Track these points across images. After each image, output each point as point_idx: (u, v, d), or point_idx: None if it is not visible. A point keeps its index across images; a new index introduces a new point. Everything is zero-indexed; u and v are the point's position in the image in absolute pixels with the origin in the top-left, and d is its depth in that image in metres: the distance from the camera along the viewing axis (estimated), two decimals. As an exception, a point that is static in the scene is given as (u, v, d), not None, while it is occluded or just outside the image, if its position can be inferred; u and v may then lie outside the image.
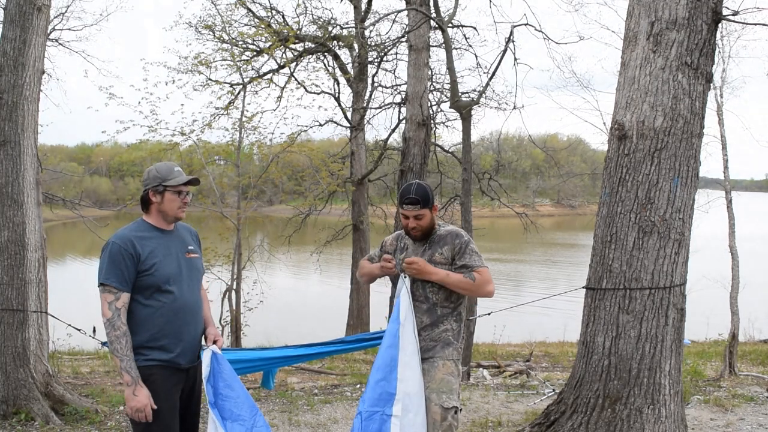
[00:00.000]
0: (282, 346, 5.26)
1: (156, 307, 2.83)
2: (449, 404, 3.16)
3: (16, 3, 5.35)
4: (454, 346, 3.28)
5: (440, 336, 3.27)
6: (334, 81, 16.04)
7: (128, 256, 2.78)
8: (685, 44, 4.05)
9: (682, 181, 4.10)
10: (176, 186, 2.95)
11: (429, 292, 3.28)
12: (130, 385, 2.72)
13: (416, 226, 3.30)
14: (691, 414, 5.38)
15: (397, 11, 11.84)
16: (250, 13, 15.28)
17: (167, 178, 2.94)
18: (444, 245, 3.31)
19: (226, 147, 11.54)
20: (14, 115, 5.28)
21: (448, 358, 3.24)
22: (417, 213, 3.27)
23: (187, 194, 3.01)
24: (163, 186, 2.93)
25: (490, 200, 15.61)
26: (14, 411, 5.09)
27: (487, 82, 9.74)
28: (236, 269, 10.67)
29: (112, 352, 2.75)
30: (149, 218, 2.98)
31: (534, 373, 8.42)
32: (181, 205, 2.99)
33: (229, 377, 2.98)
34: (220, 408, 2.90)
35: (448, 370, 3.22)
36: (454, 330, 3.29)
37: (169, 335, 2.86)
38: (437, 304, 3.28)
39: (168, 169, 2.97)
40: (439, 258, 3.29)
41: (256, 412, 3.01)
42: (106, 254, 2.79)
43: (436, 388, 3.19)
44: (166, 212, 2.96)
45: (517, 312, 3.75)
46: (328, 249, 17.01)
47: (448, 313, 3.29)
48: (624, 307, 4.13)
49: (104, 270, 2.77)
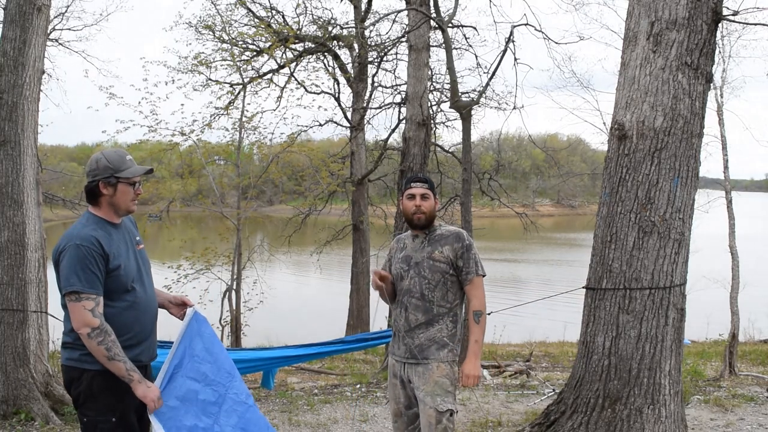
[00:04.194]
0: (282, 346, 5.29)
1: (122, 307, 2.68)
2: (444, 407, 3.12)
3: (16, 3, 5.35)
4: (450, 348, 3.22)
5: (435, 336, 3.21)
6: (334, 81, 16.03)
7: (98, 256, 2.58)
8: (685, 44, 4.05)
9: (682, 181, 4.10)
10: (131, 178, 2.72)
11: (425, 289, 3.23)
12: (141, 382, 2.63)
13: (421, 206, 3.26)
14: (691, 414, 5.38)
15: (397, 11, 11.82)
16: (250, 13, 15.28)
17: (120, 168, 2.70)
18: (445, 245, 3.26)
19: (226, 147, 11.55)
20: (14, 115, 5.28)
21: (442, 360, 3.19)
22: (424, 192, 3.28)
23: (140, 185, 2.79)
24: (115, 178, 2.69)
25: (490, 200, 15.61)
26: (14, 411, 5.09)
27: (487, 82, 9.76)
28: (236, 269, 10.68)
29: (111, 359, 2.56)
30: (98, 212, 2.73)
31: (534, 373, 8.42)
32: (134, 197, 2.77)
33: (208, 340, 2.89)
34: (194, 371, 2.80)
35: (442, 372, 3.17)
36: (449, 330, 3.23)
37: (133, 333, 2.73)
38: (433, 303, 3.22)
39: (120, 159, 2.72)
40: (439, 256, 3.24)
41: (233, 377, 2.92)
42: (74, 258, 2.54)
43: (431, 391, 3.15)
44: (118, 205, 2.73)
45: (517, 312, 3.74)
46: (328, 249, 16.99)
47: (444, 313, 3.23)
48: (624, 307, 4.13)
49: (77, 276, 2.53)
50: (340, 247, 18.23)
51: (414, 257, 3.30)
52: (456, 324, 3.27)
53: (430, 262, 3.24)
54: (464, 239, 3.27)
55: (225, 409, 2.85)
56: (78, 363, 2.65)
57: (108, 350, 2.56)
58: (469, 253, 3.24)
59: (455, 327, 3.27)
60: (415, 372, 3.22)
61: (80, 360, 2.65)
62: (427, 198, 3.29)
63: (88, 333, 2.54)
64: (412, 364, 3.23)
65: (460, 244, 3.24)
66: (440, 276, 3.23)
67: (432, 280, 3.23)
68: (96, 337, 2.54)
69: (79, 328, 2.55)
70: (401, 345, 3.28)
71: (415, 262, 3.28)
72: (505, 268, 30.89)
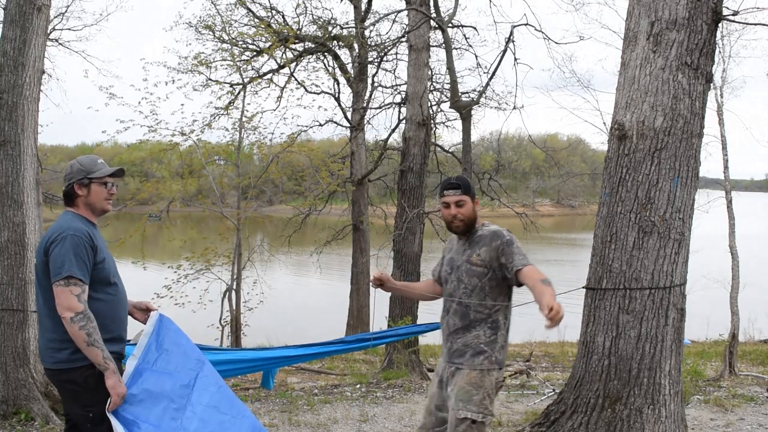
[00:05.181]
0: (282, 346, 5.28)
1: (106, 300, 2.82)
2: (462, 414, 3.03)
3: (16, 3, 5.35)
4: (486, 356, 3.08)
5: (471, 342, 3.10)
6: (334, 81, 16.04)
7: (89, 248, 2.76)
8: (685, 44, 4.05)
9: (682, 181, 4.10)
10: (102, 177, 2.91)
11: (462, 294, 3.13)
12: (115, 373, 2.72)
13: (457, 214, 3.14)
14: (691, 414, 5.38)
15: (397, 11, 11.82)
16: (250, 13, 15.29)
17: (92, 170, 2.90)
18: (483, 246, 3.12)
19: (226, 147, 11.55)
20: (14, 115, 5.28)
21: (475, 368, 3.07)
22: (458, 199, 3.14)
23: (113, 186, 2.98)
24: (88, 179, 2.89)
25: (490, 200, 15.61)
26: (14, 411, 5.09)
27: (487, 82, 9.76)
28: (236, 269, 10.68)
29: (90, 344, 2.66)
30: (78, 211, 2.92)
31: (534, 373, 8.42)
32: (108, 197, 2.96)
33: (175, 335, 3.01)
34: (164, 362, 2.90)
35: (470, 379, 3.07)
36: (488, 337, 3.10)
37: (116, 327, 2.87)
38: (470, 308, 3.11)
39: (92, 162, 2.93)
40: (476, 259, 3.11)
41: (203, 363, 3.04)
42: (68, 246, 2.70)
43: (456, 395, 3.08)
44: (93, 204, 2.92)
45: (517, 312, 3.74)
46: (328, 249, 16.99)
47: (482, 319, 3.10)
48: (624, 307, 4.13)
49: (69, 262, 2.68)
50: (340, 247, 18.22)
51: (456, 260, 3.22)
52: (496, 331, 3.12)
53: (467, 266, 3.14)
54: (503, 236, 3.10)
55: (197, 389, 2.95)
56: (68, 363, 2.73)
57: (89, 335, 2.65)
58: (510, 248, 3.06)
59: (495, 334, 3.11)
60: (451, 375, 3.17)
61: (70, 360, 2.73)
62: (463, 204, 3.15)
63: (71, 317, 2.64)
64: (451, 367, 3.18)
65: (498, 242, 3.08)
66: (477, 281, 3.11)
67: (469, 284, 3.12)
68: (79, 321, 2.64)
69: (63, 312, 2.65)
70: (444, 347, 3.25)
71: (456, 266, 3.21)
72: (505, 268, 30.78)
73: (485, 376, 3.08)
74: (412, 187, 9.82)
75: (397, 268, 9.80)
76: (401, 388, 6.58)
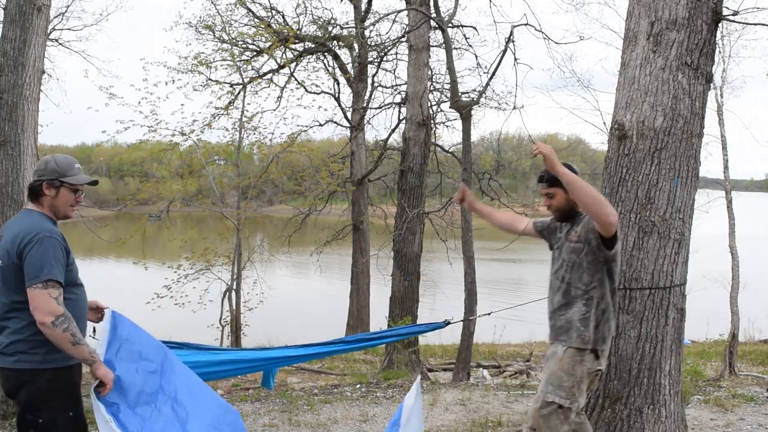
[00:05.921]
0: (282, 346, 5.27)
1: (74, 300, 2.80)
2: (550, 398, 3.21)
3: (16, 3, 5.35)
4: (580, 332, 3.22)
5: (571, 318, 3.27)
6: (334, 81, 16.04)
7: (63, 250, 2.71)
8: (685, 44, 4.05)
9: (682, 181, 4.10)
10: (75, 184, 2.83)
11: (564, 272, 3.33)
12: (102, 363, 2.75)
13: (550, 204, 3.40)
14: (691, 414, 5.38)
15: (397, 11, 11.84)
16: (250, 13, 15.30)
17: (66, 173, 2.81)
18: (580, 223, 3.33)
19: (226, 147, 11.55)
20: (14, 115, 5.28)
21: (571, 345, 3.23)
22: (547, 191, 3.39)
23: (82, 194, 2.90)
24: (60, 181, 2.80)
25: (490, 200, 15.59)
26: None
27: (487, 82, 9.75)
28: (236, 269, 10.67)
29: (76, 343, 2.62)
30: (43, 210, 2.83)
31: (534, 373, 8.43)
32: (74, 204, 2.87)
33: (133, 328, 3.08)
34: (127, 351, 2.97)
35: (563, 366, 3.22)
36: (582, 314, 3.24)
37: (83, 326, 2.86)
38: (571, 284, 3.30)
39: (68, 164, 2.83)
40: (573, 236, 3.33)
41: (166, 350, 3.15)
42: (47, 248, 2.64)
43: (546, 379, 3.27)
44: (57, 208, 2.83)
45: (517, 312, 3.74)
46: (328, 249, 17.00)
47: (579, 295, 3.26)
48: (624, 307, 4.13)
49: (49, 265, 2.61)
50: (340, 248, 18.24)
51: (561, 240, 3.46)
52: (590, 308, 3.24)
53: (568, 244, 3.36)
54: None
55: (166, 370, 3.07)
56: (34, 364, 2.67)
57: (73, 335, 2.62)
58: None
59: (588, 311, 3.24)
60: (548, 358, 3.36)
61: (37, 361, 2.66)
62: (553, 195, 3.38)
63: (52, 321, 2.58)
64: (549, 349, 3.37)
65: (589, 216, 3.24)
66: (575, 257, 3.30)
67: (568, 261, 3.33)
68: (61, 324, 2.59)
69: (44, 316, 2.58)
70: (549, 326, 3.44)
71: (560, 245, 3.45)
72: (505, 268, 30.89)
73: (578, 364, 3.22)
74: (412, 187, 9.83)
75: (398, 268, 9.80)
76: (401, 388, 6.58)
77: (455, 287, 13.78)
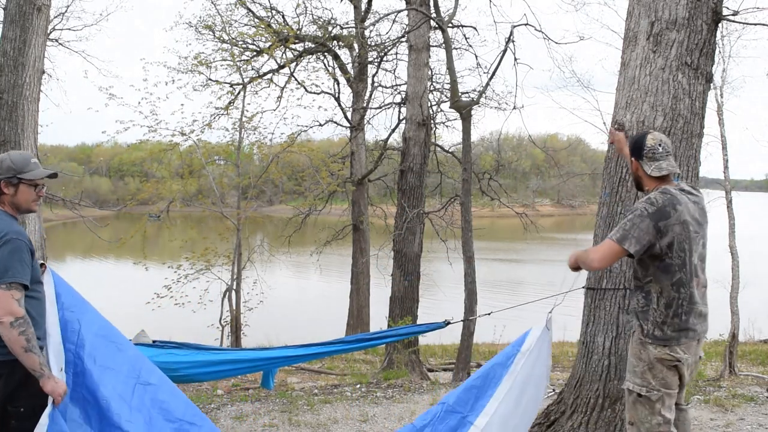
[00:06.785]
0: (282, 346, 5.27)
1: (38, 298, 2.82)
2: (626, 385, 3.27)
3: (16, 3, 5.35)
4: (637, 324, 3.26)
5: (633, 309, 3.34)
6: (334, 81, 16.04)
7: (28, 250, 2.73)
8: (685, 44, 4.05)
9: (682, 181, 4.09)
10: (33, 180, 2.86)
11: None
12: (50, 377, 2.71)
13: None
14: (691, 414, 5.37)
15: (397, 11, 11.83)
16: (250, 13, 15.30)
17: (23, 170, 2.83)
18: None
19: (226, 147, 11.56)
20: (14, 115, 5.28)
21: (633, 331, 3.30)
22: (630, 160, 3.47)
23: (43, 187, 2.93)
24: (17, 178, 2.82)
25: (490, 200, 15.61)
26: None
27: (487, 82, 9.75)
28: (236, 269, 10.68)
29: (28, 350, 2.63)
30: (4, 208, 2.86)
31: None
32: (36, 198, 2.90)
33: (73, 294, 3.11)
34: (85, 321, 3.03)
35: (633, 350, 3.27)
36: (639, 305, 3.27)
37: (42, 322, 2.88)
38: (631, 279, 3.42)
39: (24, 161, 2.86)
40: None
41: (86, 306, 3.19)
42: (14, 250, 2.67)
43: (626, 366, 3.33)
44: (19, 204, 2.86)
45: (517, 312, 3.75)
46: (328, 249, 17.00)
47: (639, 287, 3.31)
48: (624, 307, 4.13)
49: (14, 267, 2.64)
50: (340, 248, 18.24)
51: None
52: (649, 301, 3.23)
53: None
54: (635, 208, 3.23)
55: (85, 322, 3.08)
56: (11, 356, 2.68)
57: (27, 341, 2.63)
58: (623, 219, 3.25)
59: (647, 305, 3.24)
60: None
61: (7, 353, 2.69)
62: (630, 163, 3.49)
63: (11, 322, 2.60)
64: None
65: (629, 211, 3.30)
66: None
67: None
68: (19, 326, 2.61)
69: (3, 315, 2.60)
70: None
71: None
72: (505, 268, 30.90)
73: (643, 349, 3.22)
74: (412, 187, 9.83)
75: (397, 268, 9.81)
76: (401, 388, 6.58)
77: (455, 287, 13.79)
